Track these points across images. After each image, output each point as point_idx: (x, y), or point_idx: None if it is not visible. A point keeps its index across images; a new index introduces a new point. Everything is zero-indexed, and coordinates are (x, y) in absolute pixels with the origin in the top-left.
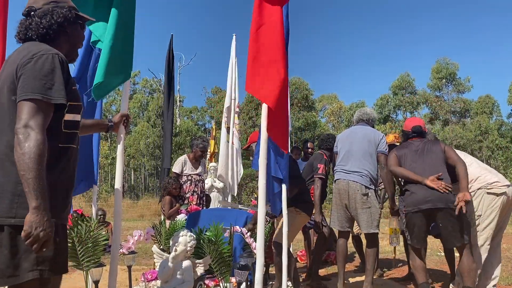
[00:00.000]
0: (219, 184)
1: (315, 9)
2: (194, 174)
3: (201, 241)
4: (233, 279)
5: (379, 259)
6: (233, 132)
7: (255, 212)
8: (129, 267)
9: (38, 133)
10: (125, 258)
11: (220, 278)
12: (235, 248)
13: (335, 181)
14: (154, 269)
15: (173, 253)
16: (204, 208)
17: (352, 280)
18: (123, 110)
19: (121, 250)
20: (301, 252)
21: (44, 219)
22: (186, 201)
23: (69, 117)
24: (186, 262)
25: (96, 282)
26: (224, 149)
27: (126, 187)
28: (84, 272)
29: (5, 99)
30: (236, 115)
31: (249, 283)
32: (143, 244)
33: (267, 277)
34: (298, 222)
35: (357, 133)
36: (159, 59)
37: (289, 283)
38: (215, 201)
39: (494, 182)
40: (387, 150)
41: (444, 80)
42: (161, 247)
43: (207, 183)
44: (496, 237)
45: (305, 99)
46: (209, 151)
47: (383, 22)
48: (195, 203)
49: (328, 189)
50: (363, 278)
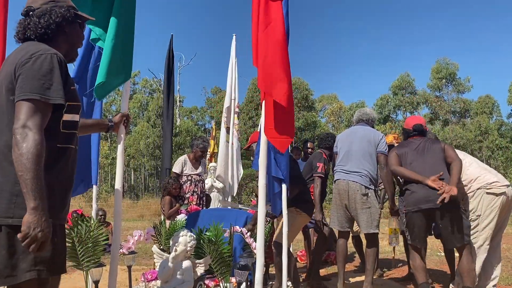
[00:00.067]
0: (219, 184)
1: (315, 9)
2: (194, 174)
3: (201, 241)
4: (233, 279)
5: (379, 259)
6: (233, 132)
7: (255, 212)
8: (129, 267)
9: (36, 133)
10: (125, 258)
11: (220, 278)
12: (235, 248)
13: (335, 181)
14: (154, 269)
15: (173, 253)
16: (204, 208)
17: (352, 280)
18: (123, 110)
19: (121, 250)
20: (301, 252)
21: (42, 219)
22: (186, 201)
23: (67, 117)
24: (186, 262)
25: (96, 282)
26: (224, 149)
27: (126, 187)
28: (84, 272)
29: (3, 99)
30: (236, 115)
31: (249, 283)
32: (143, 244)
33: (267, 277)
34: (299, 222)
35: (357, 133)
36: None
37: (289, 283)
38: (215, 201)
39: (493, 182)
40: (387, 150)
41: (444, 80)
42: (161, 247)
43: (207, 183)
44: (496, 237)
45: (305, 99)
46: (209, 151)
47: (383, 22)
48: (195, 203)
49: (328, 189)
50: (363, 278)
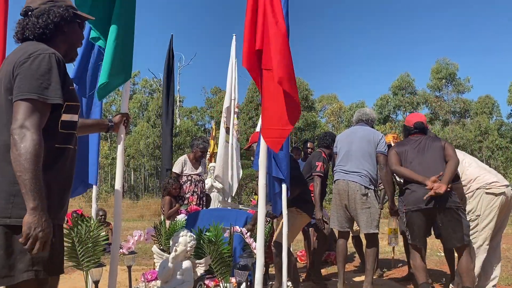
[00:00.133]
0: (219, 184)
1: (315, 9)
2: (194, 174)
3: (201, 241)
4: (233, 279)
5: (379, 259)
6: (232, 132)
7: (255, 212)
8: (129, 267)
9: (34, 133)
10: (125, 258)
11: (220, 278)
12: (235, 248)
13: (334, 181)
14: (154, 269)
15: (173, 253)
16: (204, 208)
17: (352, 280)
18: (123, 110)
19: (121, 250)
20: (301, 252)
21: (42, 219)
22: (186, 201)
23: (66, 117)
24: (186, 262)
25: (96, 282)
26: (222, 149)
27: (126, 187)
28: (84, 272)
29: (2, 99)
30: (236, 115)
31: (249, 283)
32: (143, 244)
33: (267, 277)
34: (299, 222)
35: (357, 133)
36: (159, 59)
37: (289, 283)
38: (215, 201)
39: (492, 182)
40: (387, 150)
41: (444, 81)
42: (161, 247)
43: (207, 183)
44: (496, 237)
45: (305, 99)
46: (209, 151)
47: (383, 22)
48: (195, 203)
49: (328, 189)
50: (363, 278)
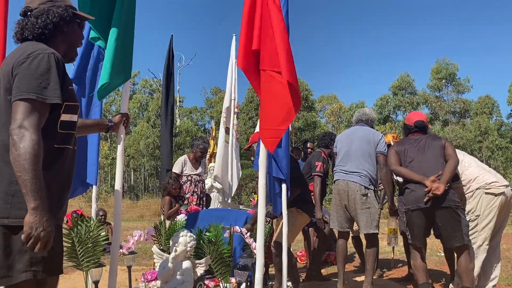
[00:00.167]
0: (218, 184)
1: (315, 9)
2: (194, 175)
3: (201, 241)
4: (233, 280)
5: (379, 259)
6: (232, 133)
7: (255, 212)
8: (129, 267)
9: (33, 133)
10: (125, 258)
11: (220, 279)
12: (235, 249)
13: (334, 181)
14: (154, 269)
15: (173, 253)
16: (204, 208)
17: (352, 280)
18: (123, 110)
19: (121, 250)
20: (301, 252)
21: (44, 219)
22: (186, 202)
23: (65, 117)
24: (186, 263)
25: (96, 283)
26: (222, 149)
27: (126, 188)
28: (84, 272)
29: (1, 99)
30: (235, 115)
31: (249, 283)
32: (143, 244)
33: (267, 277)
34: (299, 222)
35: (356, 133)
36: (159, 59)
37: (289, 283)
38: (215, 201)
39: (492, 182)
40: (386, 151)
41: (443, 81)
42: (161, 247)
43: (207, 183)
44: (495, 237)
45: (305, 99)
46: (209, 151)
47: (383, 22)
48: (195, 203)
49: (328, 189)
50: (363, 278)
